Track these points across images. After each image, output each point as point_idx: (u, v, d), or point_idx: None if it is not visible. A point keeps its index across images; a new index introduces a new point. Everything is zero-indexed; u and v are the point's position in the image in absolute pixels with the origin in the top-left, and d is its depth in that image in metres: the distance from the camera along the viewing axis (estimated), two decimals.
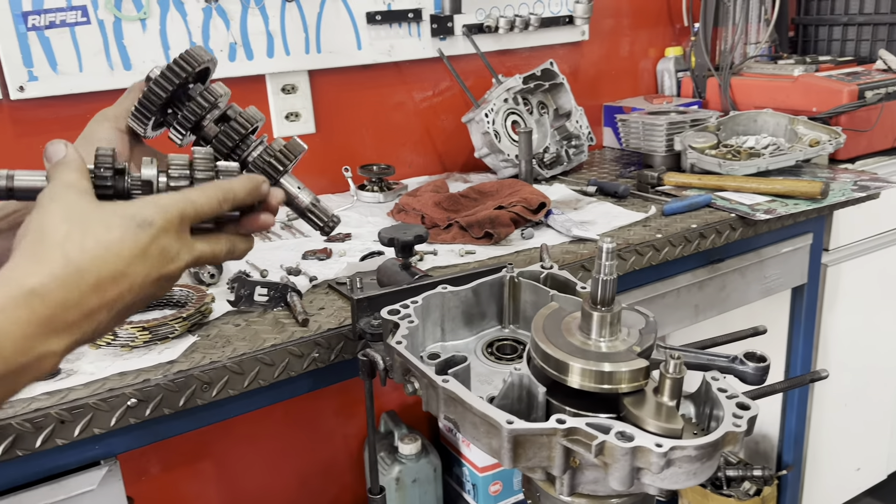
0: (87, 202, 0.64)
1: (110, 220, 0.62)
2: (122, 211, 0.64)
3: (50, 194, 0.64)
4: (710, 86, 2.44)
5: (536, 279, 1.13)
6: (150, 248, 0.64)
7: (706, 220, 1.67)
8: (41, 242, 0.60)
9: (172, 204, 0.66)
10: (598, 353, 0.89)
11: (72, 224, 0.61)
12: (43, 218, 0.61)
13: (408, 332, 1.01)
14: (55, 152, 0.68)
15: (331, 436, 2.28)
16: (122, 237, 0.62)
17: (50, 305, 0.57)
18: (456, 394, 0.88)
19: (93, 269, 0.60)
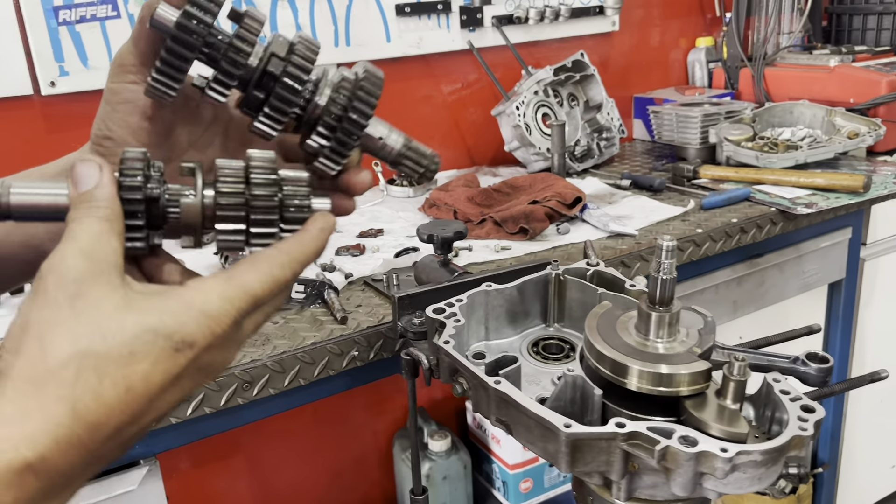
0: (108, 304, 0.46)
1: (137, 343, 0.45)
2: (154, 324, 0.46)
3: (61, 273, 0.46)
4: (743, 77, 2.40)
5: (583, 277, 1.11)
6: (187, 372, 0.48)
7: (746, 215, 1.63)
8: (41, 382, 0.43)
9: (224, 311, 0.49)
10: (657, 355, 0.86)
11: (85, 358, 0.44)
12: (45, 329, 0.44)
13: (454, 331, 0.99)
14: (86, 177, 0.50)
15: (360, 432, 2.27)
16: (153, 370, 0.46)
17: (49, 477, 0.43)
18: (509, 396, 0.85)
19: (110, 423, 0.44)
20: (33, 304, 0.45)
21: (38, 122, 1.69)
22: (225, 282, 0.50)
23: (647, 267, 1.47)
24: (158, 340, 0.46)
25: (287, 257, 0.52)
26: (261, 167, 0.53)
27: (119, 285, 0.47)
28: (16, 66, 1.62)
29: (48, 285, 0.46)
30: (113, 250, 0.48)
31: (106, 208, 0.49)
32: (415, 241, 1.61)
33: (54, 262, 0.46)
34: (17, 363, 0.44)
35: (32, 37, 1.61)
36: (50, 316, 0.45)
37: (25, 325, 0.45)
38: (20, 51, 1.62)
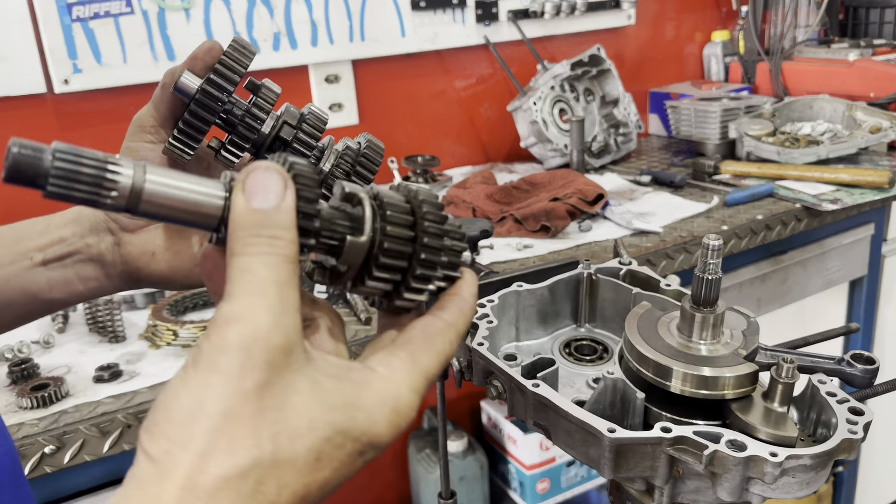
0: (299, 396, 0.38)
1: (327, 447, 0.39)
2: (346, 425, 0.40)
3: (249, 346, 0.37)
4: (760, 71, 2.37)
5: (615, 276, 1.08)
6: (356, 467, 0.42)
7: (771, 211, 1.61)
8: (215, 493, 0.35)
9: (412, 406, 0.43)
10: (701, 357, 0.84)
11: (269, 468, 0.37)
12: (225, 425, 0.36)
13: (488, 332, 0.96)
14: (265, 189, 0.39)
15: None
16: (333, 477, 0.40)
17: None
18: (549, 399, 0.83)
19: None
20: (210, 385, 0.36)
21: (50, 120, 1.67)
22: (411, 368, 0.43)
23: (672, 265, 1.45)
24: (347, 444, 0.39)
25: (455, 332, 0.46)
26: (431, 204, 0.46)
27: (305, 362, 0.39)
28: (29, 64, 1.60)
29: (234, 367, 0.36)
30: (296, 308, 0.39)
31: (290, 242, 0.39)
32: None
33: (243, 334, 0.36)
34: (183, 460, 0.35)
35: (46, 34, 1.59)
36: (233, 409, 0.36)
37: (198, 410, 0.36)
38: (34, 48, 1.60)
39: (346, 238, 0.43)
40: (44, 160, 0.35)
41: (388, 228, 0.44)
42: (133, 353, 1.18)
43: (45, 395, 1.04)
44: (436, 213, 0.46)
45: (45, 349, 1.23)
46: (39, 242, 0.62)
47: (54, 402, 1.05)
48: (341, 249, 0.43)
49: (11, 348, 1.20)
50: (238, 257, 0.37)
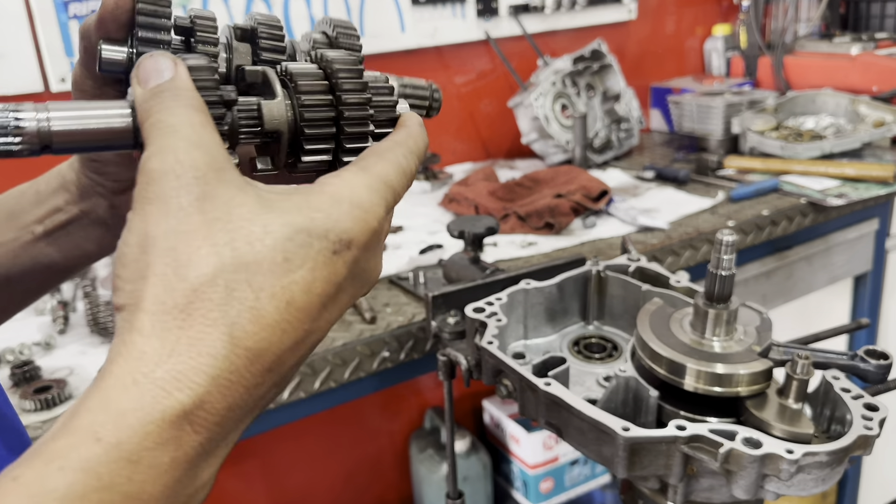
0: (244, 205, 0.37)
1: (291, 246, 0.37)
2: (305, 223, 0.38)
3: (177, 172, 0.36)
4: (762, 65, 2.36)
5: (624, 273, 1.07)
6: (346, 280, 0.40)
7: (776, 207, 1.60)
8: (186, 307, 0.34)
9: (375, 203, 0.41)
10: (715, 354, 0.83)
11: (235, 270, 0.35)
12: (176, 242, 0.35)
13: (497, 331, 0.95)
14: (156, 70, 0.40)
15: (375, 433, 2.24)
16: (313, 278, 0.37)
17: (208, 428, 0.34)
18: (561, 398, 0.82)
19: (272, 348, 0.36)
20: (149, 215, 0.35)
21: None
22: (363, 174, 0.42)
23: (678, 261, 1.44)
24: (314, 242, 0.37)
25: (405, 148, 0.45)
26: (344, 62, 0.45)
27: (243, 183, 0.38)
28: (26, 63, 1.58)
29: (165, 189, 0.36)
30: (219, 144, 0.38)
31: (193, 98, 0.39)
32: (437, 237, 1.58)
33: (164, 161, 0.36)
34: (147, 290, 0.34)
35: (42, 32, 1.57)
36: (178, 226, 0.35)
37: (146, 242, 0.35)
38: (31, 46, 1.58)
39: (260, 104, 0.43)
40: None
41: (304, 98, 0.44)
42: None
43: (49, 397, 1.03)
44: (350, 69, 0.45)
45: (47, 351, 1.21)
46: (36, 214, 0.59)
47: (58, 405, 1.04)
48: (261, 122, 0.44)
49: (13, 350, 1.18)
50: (145, 121, 0.38)
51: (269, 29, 0.49)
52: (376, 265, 0.43)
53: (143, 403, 0.32)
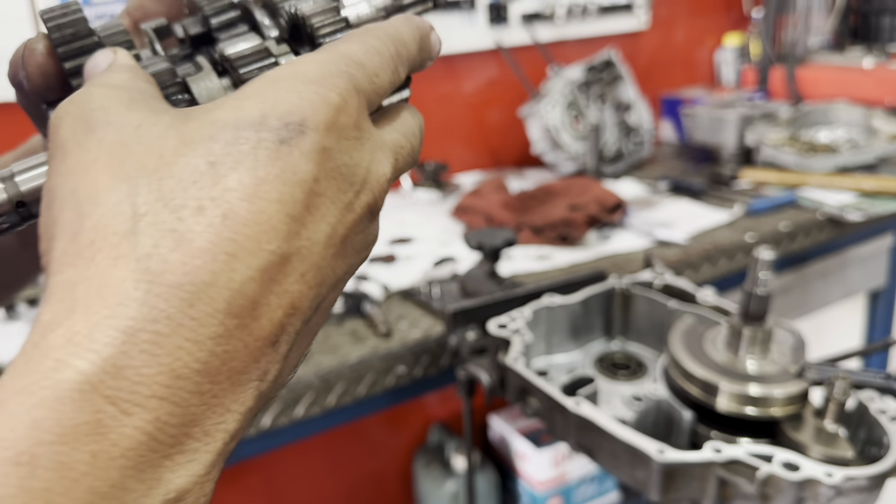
0: (155, 125, 0.29)
1: (215, 146, 0.28)
2: (230, 117, 0.29)
3: (76, 111, 0.29)
4: (774, 76, 2.34)
5: (649, 288, 1.05)
6: (321, 180, 0.29)
7: (794, 221, 1.57)
8: (85, 251, 0.26)
9: (330, 73, 0.31)
10: (750, 374, 0.80)
11: (140, 189, 0.27)
12: (74, 182, 0.28)
13: (523, 348, 0.92)
14: (97, 64, 0.34)
15: (379, 448, 2.20)
16: (257, 179, 0.27)
17: (141, 405, 0.24)
18: (593, 420, 0.79)
19: (217, 281, 0.26)
20: (50, 167, 0.29)
21: None
22: (313, 53, 0.33)
23: (697, 276, 1.41)
24: (247, 134, 0.28)
25: (376, 30, 0.35)
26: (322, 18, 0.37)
27: (165, 107, 0.30)
28: None
29: (61, 134, 0.29)
30: (149, 86, 0.32)
31: (124, 69, 0.33)
32: (448, 249, 1.55)
33: (62, 108, 0.30)
34: (54, 246, 0.27)
35: None
36: (75, 165, 0.28)
37: (50, 192, 0.28)
38: None
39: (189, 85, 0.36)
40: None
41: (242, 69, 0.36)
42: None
43: None
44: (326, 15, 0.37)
45: None
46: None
47: None
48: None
49: None
50: None
51: (220, 17, 0.40)
52: (369, 161, 0.31)
53: (28, 384, 0.23)
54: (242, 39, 0.37)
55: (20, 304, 1.37)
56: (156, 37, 0.41)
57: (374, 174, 0.31)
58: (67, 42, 0.37)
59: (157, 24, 0.41)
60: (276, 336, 0.28)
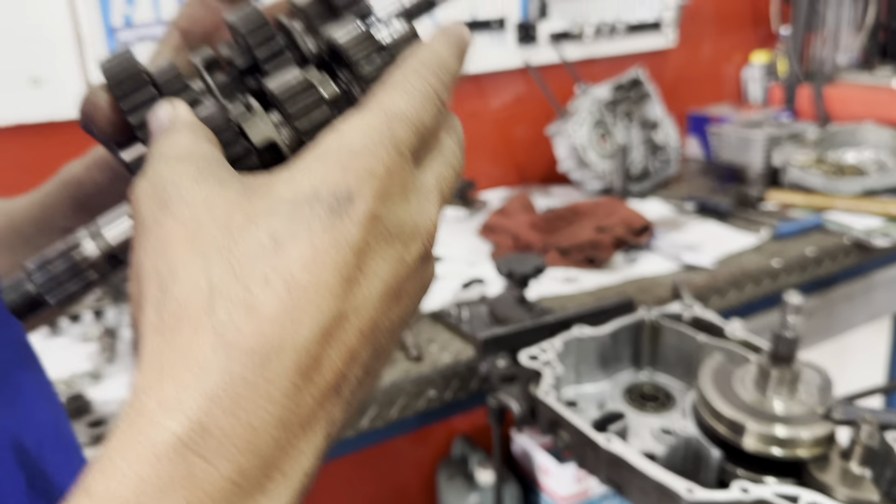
0: (222, 199, 0.32)
1: (275, 221, 0.31)
2: (286, 192, 0.32)
3: (149, 187, 0.33)
4: (801, 94, 2.34)
5: (678, 320, 1.07)
6: (371, 242, 0.32)
7: (821, 246, 1.58)
8: (172, 324, 0.30)
9: (373, 140, 0.33)
10: (779, 415, 0.82)
11: (213, 265, 0.30)
12: (155, 259, 0.31)
13: (554, 381, 0.95)
14: (158, 120, 0.37)
15: (402, 461, 2.23)
16: (313, 250, 0.30)
17: (225, 456, 0.28)
18: (624, 458, 0.82)
19: (284, 345, 0.29)
20: (135, 244, 0.33)
21: (92, 144, 1.67)
22: (358, 114, 0.34)
23: (723, 301, 1.43)
24: (302, 209, 0.31)
25: (422, 65, 0.36)
26: (359, 50, 0.38)
27: (230, 176, 0.33)
28: (71, 88, 1.60)
29: (142, 209, 0.32)
30: (211, 151, 0.35)
31: (187, 123, 0.36)
32: (476, 269, 1.57)
33: (141, 182, 0.33)
34: (143, 319, 0.31)
35: (92, 58, 1.59)
36: (156, 241, 0.31)
37: (138, 266, 0.32)
38: (78, 72, 1.60)
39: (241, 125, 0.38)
40: (27, 288, 0.36)
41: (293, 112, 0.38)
42: None
43: (104, 432, 1.04)
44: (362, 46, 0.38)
45: (95, 381, 1.23)
46: (101, 200, 0.57)
47: None
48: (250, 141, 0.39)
49: (63, 381, 1.19)
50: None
51: (264, 49, 0.42)
52: (416, 213, 0.34)
53: (131, 443, 0.28)
54: (285, 71, 0.39)
55: (63, 321, 1.41)
56: (204, 68, 0.43)
57: (422, 223, 0.34)
58: (127, 95, 0.40)
59: (204, 57, 0.44)
60: (339, 384, 0.31)
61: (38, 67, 1.55)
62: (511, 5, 2.06)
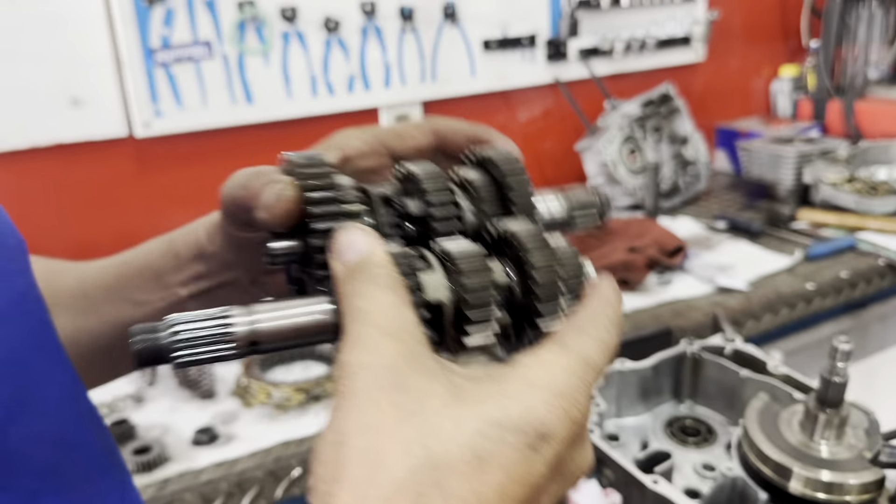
0: (435, 397, 0.35)
1: (483, 443, 0.34)
2: (497, 415, 0.35)
3: (370, 364, 0.36)
4: (831, 109, 2.33)
5: (720, 354, 1.07)
6: (546, 480, 0.36)
7: (854, 268, 1.58)
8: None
9: (575, 388, 0.37)
10: (826, 459, 0.82)
11: (424, 472, 0.33)
12: (368, 442, 0.34)
13: (597, 418, 0.95)
14: (351, 244, 0.40)
15: None
16: (508, 479, 0.34)
17: None
18: (671, 499, 0.82)
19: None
20: (344, 411, 0.34)
21: (130, 163, 1.70)
22: (562, 353, 0.38)
23: (758, 325, 1.43)
24: (508, 437, 0.34)
25: (605, 318, 0.40)
26: (533, 242, 0.42)
27: (437, 369, 0.36)
28: (112, 108, 1.63)
29: (357, 384, 0.35)
30: (414, 324, 0.37)
31: (387, 276, 0.38)
32: None
33: (357, 353, 0.36)
34: (341, 495, 0.33)
35: (130, 78, 1.62)
36: (370, 423, 0.34)
37: (340, 440, 0.34)
38: (117, 93, 1.62)
39: (418, 276, 0.40)
40: (159, 339, 0.37)
41: (466, 281, 0.40)
42: (227, 413, 1.19)
43: (150, 459, 1.06)
44: (535, 241, 0.42)
45: (138, 405, 1.25)
46: (179, 278, 0.58)
47: (157, 467, 1.06)
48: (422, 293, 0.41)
49: (107, 405, 1.22)
50: (342, 306, 0.38)
51: (442, 209, 0.45)
52: (583, 459, 0.38)
53: None
54: (460, 240, 0.42)
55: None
56: (381, 203, 0.46)
57: (586, 466, 0.39)
58: (320, 203, 0.42)
59: (380, 194, 0.46)
60: None
61: (77, 88, 1.58)
62: (542, 22, 2.07)
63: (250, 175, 0.46)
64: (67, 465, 0.48)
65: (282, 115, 1.79)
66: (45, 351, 0.49)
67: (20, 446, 0.44)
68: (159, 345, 0.37)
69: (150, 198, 1.73)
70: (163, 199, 1.74)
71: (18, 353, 0.45)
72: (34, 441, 0.45)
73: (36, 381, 0.46)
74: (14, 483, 0.44)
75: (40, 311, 0.50)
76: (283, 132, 1.82)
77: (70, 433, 0.49)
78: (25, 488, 0.44)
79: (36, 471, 0.45)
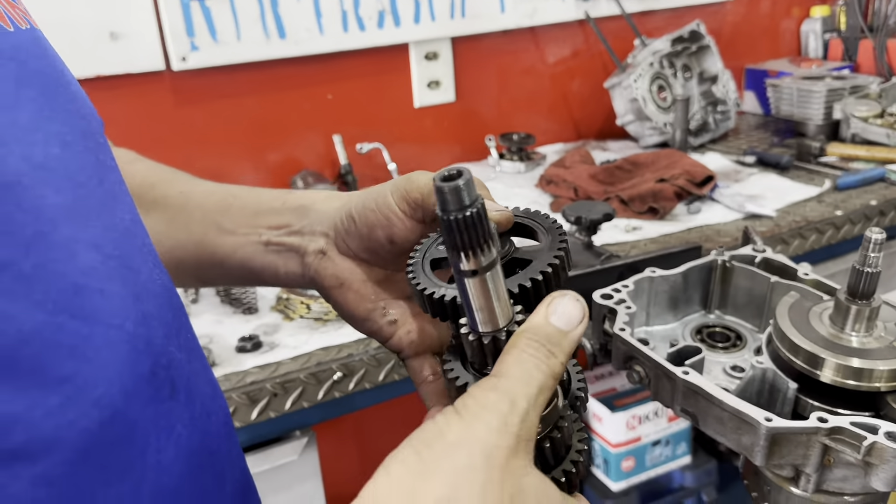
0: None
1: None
2: None
3: (456, 461, 0.40)
4: (863, 49, 2.30)
5: (750, 263, 1.09)
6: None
7: (884, 196, 1.58)
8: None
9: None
10: (857, 349, 0.85)
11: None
12: None
13: (628, 318, 0.98)
14: (567, 316, 0.44)
15: None
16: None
17: None
18: (701, 387, 0.85)
19: None
20: (426, 478, 0.40)
21: (167, 96, 1.73)
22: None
23: (787, 250, 1.44)
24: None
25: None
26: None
27: (540, 482, 0.42)
28: (149, 42, 1.66)
29: (455, 462, 0.41)
30: (534, 429, 0.42)
31: (562, 363, 0.43)
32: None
33: (468, 437, 0.40)
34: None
35: (166, 12, 1.64)
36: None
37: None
38: (154, 27, 1.65)
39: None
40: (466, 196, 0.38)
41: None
42: (269, 325, 1.23)
43: None
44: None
45: None
46: (272, 221, 0.60)
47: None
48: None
49: None
50: (519, 351, 0.41)
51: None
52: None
53: None
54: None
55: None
56: None
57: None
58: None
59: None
60: None
61: (116, 22, 1.61)
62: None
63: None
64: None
65: (313, 50, 1.81)
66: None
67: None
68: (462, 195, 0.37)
69: (186, 132, 1.77)
70: (198, 134, 1.77)
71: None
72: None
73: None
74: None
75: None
76: (315, 67, 1.84)
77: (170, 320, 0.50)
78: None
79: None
